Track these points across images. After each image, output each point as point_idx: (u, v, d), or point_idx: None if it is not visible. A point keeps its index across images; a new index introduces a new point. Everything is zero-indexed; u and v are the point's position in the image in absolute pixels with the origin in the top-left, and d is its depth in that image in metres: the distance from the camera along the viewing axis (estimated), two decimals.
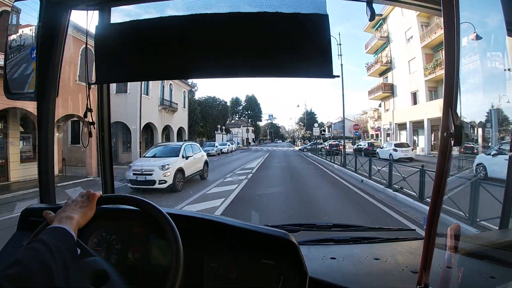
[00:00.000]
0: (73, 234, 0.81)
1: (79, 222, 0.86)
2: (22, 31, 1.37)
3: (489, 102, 1.92)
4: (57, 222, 0.82)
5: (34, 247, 0.71)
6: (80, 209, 0.90)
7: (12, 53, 1.34)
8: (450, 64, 0.76)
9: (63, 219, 0.83)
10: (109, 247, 1.08)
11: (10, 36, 1.34)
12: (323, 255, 1.21)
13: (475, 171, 9.28)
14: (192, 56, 1.21)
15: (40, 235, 0.77)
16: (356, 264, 1.18)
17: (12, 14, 1.38)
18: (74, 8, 1.35)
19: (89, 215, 0.92)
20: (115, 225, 1.11)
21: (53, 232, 0.78)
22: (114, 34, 1.29)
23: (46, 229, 0.79)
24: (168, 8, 1.30)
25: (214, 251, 1.05)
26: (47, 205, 1.35)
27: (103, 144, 1.56)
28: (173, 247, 0.89)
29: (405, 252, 1.26)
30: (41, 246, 0.71)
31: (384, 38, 30.80)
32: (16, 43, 1.36)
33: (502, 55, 1.41)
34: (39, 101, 1.36)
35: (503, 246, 1.26)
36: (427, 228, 0.83)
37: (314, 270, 1.05)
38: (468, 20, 1.01)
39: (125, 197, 1.03)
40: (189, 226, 1.07)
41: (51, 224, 0.82)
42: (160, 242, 1.05)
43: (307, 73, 1.19)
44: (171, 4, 1.33)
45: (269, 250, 1.02)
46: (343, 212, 7.22)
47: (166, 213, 0.97)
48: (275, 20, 1.17)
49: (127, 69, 1.30)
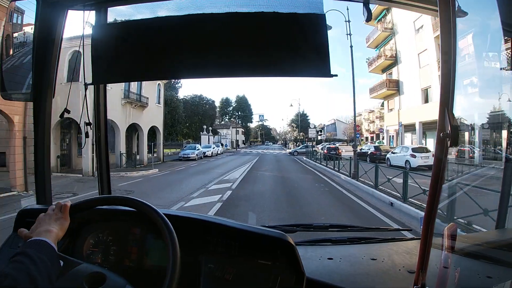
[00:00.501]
0: (54, 247, 0.82)
1: (58, 235, 0.87)
2: (18, 31, 1.37)
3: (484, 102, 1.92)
4: (36, 236, 0.83)
5: (19, 259, 0.74)
6: (56, 221, 0.90)
7: (7, 52, 1.33)
8: (446, 64, 0.76)
9: (42, 233, 0.84)
10: (106, 248, 1.08)
11: (6, 35, 1.33)
12: (320, 256, 1.21)
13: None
14: (189, 56, 1.21)
15: (22, 247, 0.78)
16: (353, 265, 1.18)
17: (8, 13, 1.37)
18: (70, 8, 1.34)
19: (66, 226, 0.92)
20: (111, 226, 1.11)
21: (35, 244, 0.79)
22: (111, 35, 1.29)
23: (28, 242, 0.80)
24: (165, 9, 1.30)
25: (211, 251, 1.04)
26: (44, 206, 1.34)
27: (99, 145, 1.55)
28: (170, 247, 0.89)
29: (402, 252, 1.27)
30: (26, 259, 0.74)
31: (389, 30, 27.29)
32: (12, 42, 1.35)
33: (499, 55, 1.42)
34: (35, 102, 1.35)
35: (499, 246, 1.27)
36: (424, 228, 0.83)
37: (311, 271, 1.05)
38: (465, 21, 1.01)
39: (97, 199, 1.03)
40: (186, 226, 1.07)
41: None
42: (157, 243, 1.04)
43: (305, 73, 1.19)
44: (168, 5, 1.32)
45: (266, 251, 1.02)
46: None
47: (163, 213, 0.97)
48: (273, 20, 1.17)
49: (123, 69, 1.29)
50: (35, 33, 1.29)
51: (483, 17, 1.27)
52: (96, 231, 1.10)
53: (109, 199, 1.10)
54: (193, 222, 1.11)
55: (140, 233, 1.08)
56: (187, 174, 15.64)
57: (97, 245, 1.09)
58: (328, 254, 1.23)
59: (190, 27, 1.20)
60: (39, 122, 1.37)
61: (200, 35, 1.20)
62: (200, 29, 1.20)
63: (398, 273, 1.08)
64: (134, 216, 1.06)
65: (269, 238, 1.03)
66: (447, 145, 0.75)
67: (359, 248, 1.34)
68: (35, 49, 1.30)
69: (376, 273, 1.12)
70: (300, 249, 1.06)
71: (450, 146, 0.74)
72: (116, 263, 1.05)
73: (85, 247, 1.08)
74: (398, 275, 1.07)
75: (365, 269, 1.15)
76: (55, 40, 1.33)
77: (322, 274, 1.07)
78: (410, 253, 1.23)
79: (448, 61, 0.76)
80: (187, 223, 1.10)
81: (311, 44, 1.16)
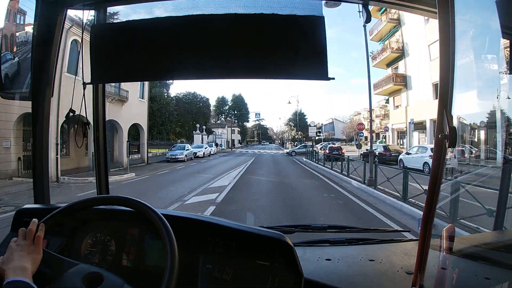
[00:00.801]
0: (35, 287, 0.79)
1: (32, 271, 0.84)
2: (16, 30, 1.36)
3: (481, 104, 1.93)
4: (12, 274, 0.79)
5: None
6: (28, 255, 0.86)
7: (6, 51, 1.33)
8: (445, 66, 0.77)
9: (17, 270, 0.80)
10: (103, 248, 1.08)
11: (5, 35, 1.33)
12: (318, 256, 1.21)
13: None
14: (188, 57, 1.21)
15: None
16: (351, 265, 1.18)
17: (6, 12, 1.37)
18: (70, 7, 1.34)
19: (38, 261, 0.87)
20: (109, 226, 1.10)
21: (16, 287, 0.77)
22: (110, 34, 1.29)
23: (8, 283, 0.77)
24: (164, 9, 1.30)
25: (209, 252, 1.04)
26: (41, 206, 1.34)
27: (98, 144, 1.55)
28: (168, 247, 0.89)
29: (400, 253, 1.27)
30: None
31: (394, 21, 25.41)
32: (11, 42, 1.35)
33: (497, 57, 1.43)
34: (34, 101, 1.35)
35: (497, 247, 1.27)
36: (422, 229, 0.83)
37: (309, 272, 1.05)
38: (464, 22, 1.02)
39: (63, 209, 0.99)
40: (185, 227, 1.07)
41: (3, 275, 0.79)
42: (155, 243, 1.04)
43: (303, 75, 1.20)
44: (167, 5, 1.32)
45: (264, 251, 1.02)
46: None
47: (161, 214, 0.96)
48: (272, 22, 1.17)
49: (122, 69, 1.29)
50: (34, 32, 1.29)
51: (482, 18, 1.28)
52: (94, 231, 1.10)
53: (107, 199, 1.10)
54: (191, 222, 1.11)
55: (138, 233, 1.07)
56: (168, 180, 13.25)
57: (95, 245, 1.08)
58: (326, 255, 1.23)
59: (189, 28, 1.20)
60: (37, 121, 1.37)
61: (199, 36, 1.20)
62: (199, 30, 1.20)
63: (396, 274, 1.08)
64: (132, 216, 1.06)
65: (268, 238, 1.03)
66: (445, 146, 0.75)
67: (357, 249, 1.34)
68: (34, 48, 1.30)
69: (374, 274, 1.12)
70: (298, 250, 1.06)
71: (448, 147, 0.75)
72: (114, 263, 1.05)
73: (83, 247, 1.08)
74: (396, 276, 1.07)
75: (363, 270, 1.15)
76: (54, 39, 1.33)
77: (320, 275, 1.07)
78: (408, 254, 1.23)
79: (446, 62, 0.76)
80: (185, 223, 1.09)
81: (310, 46, 1.17)
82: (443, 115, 0.75)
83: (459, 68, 0.78)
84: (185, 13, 1.22)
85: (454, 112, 0.76)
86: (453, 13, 0.76)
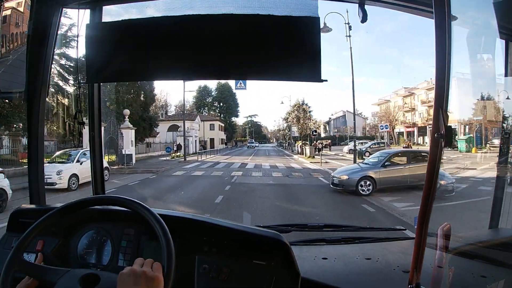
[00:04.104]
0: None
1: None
2: (11, 29, 1.35)
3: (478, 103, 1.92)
4: None
5: None
6: None
7: (1, 51, 1.31)
8: (441, 66, 0.77)
9: None
10: (99, 249, 1.07)
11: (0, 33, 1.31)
12: (314, 255, 1.22)
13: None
14: (183, 57, 1.21)
15: None
16: (347, 264, 1.18)
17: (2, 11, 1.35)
18: (65, 6, 1.33)
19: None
20: (106, 226, 1.10)
21: None
22: (105, 34, 1.27)
23: None
24: (161, 9, 1.29)
25: (206, 252, 1.04)
26: (37, 206, 1.33)
27: (93, 144, 1.54)
28: (164, 248, 0.88)
29: (396, 252, 1.27)
30: None
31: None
32: (6, 41, 1.34)
33: (493, 57, 1.43)
34: (29, 101, 1.34)
35: (493, 246, 1.28)
36: (418, 227, 0.84)
37: (306, 271, 1.05)
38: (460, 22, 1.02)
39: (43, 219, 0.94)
40: (181, 227, 1.06)
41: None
42: (151, 243, 1.04)
43: (297, 77, 1.20)
44: (164, 5, 1.31)
45: (261, 251, 1.02)
46: None
47: (158, 214, 0.96)
48: (267, 23, 1.17)
49: (118, 69, 1.28)
50: (29, 31, 1.27)
51: (478, 19, 1.29)
52: (90, 231, 1.09)
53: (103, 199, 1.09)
54: (187, 222, 1.11)
55: (135, 233, 1.07)
56: None
57: (91, 246, 1.08)
58: (322, 254, 1.23)
59: (185, 28, 1.20)
60: (32, 122, 1.36)
61: (195, 36, 1.20)
62: (195, 30, 1.19)
63: (392, 273, 1.09)
64: (128, 216, 1.06)
65: (264, 238, 1.03)
66: (441, 145, 0.76)
67: (353, 248, 1.35)
68: (29, 47, 1.29)
69: (370, 273, 1.12)
70: (295, 249, 1.06)
71: (444, 146, 0.75)
72: (110, 263, 1.04)
73: (79, 247, 1.08)
74: (393, 274, 1.08)
75: (359, 268, 1.15)
76: (50, 38, 1.32)
77: (317, 274, 1.08)
78: (405, 253, 1.24)
79: (442, 62, 0.77)
80: (182, 224, 1.09)
81: (304, 47, 1.16)
82: (439, 114, 0.76)
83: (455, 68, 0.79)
84: (181, 13, 1.21)
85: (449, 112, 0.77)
86: (449, 13, 0.76)
